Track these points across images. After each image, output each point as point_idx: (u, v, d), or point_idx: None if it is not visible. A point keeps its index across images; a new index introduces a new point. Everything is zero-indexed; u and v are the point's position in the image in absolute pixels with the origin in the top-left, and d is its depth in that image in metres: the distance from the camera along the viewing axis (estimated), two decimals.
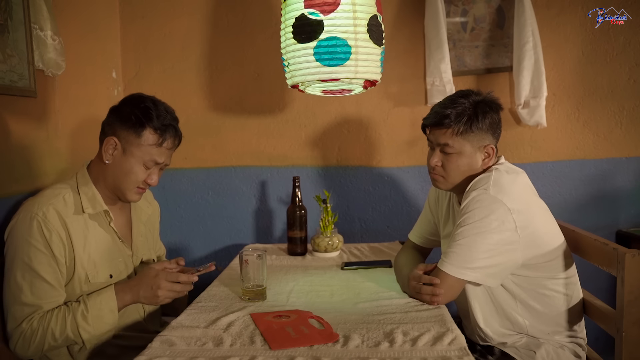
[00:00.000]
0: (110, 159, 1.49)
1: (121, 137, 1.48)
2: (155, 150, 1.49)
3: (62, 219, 1.42)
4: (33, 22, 1.66)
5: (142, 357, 1.14)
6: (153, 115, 1.46)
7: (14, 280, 1.37)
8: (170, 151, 1.54)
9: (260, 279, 1.51)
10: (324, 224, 2.07)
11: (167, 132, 1.49)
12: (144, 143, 1.47)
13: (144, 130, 1.47)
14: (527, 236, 1.43)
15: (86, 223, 1.48)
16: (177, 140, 1.55)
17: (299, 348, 1.17)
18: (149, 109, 1.47)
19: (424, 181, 2.39)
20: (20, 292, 1.36)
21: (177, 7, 2.41)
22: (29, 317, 1.36)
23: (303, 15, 1.62)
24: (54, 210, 1.41)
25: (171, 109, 1.55)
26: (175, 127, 1.53)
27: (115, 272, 1.53)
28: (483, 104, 1.53)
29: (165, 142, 1.49)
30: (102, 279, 1.49)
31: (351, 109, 2.41)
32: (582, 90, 2.32)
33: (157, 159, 1.50)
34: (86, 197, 1.49)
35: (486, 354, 1.57)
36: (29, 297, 1.36)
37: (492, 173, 1.51)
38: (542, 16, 2.26)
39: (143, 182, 1.52)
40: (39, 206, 1.40)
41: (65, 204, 1.45)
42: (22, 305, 1.36)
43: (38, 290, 1.37)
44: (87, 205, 1.49)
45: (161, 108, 1.50)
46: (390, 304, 1.47)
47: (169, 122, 1.50)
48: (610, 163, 2.35)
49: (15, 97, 1.62)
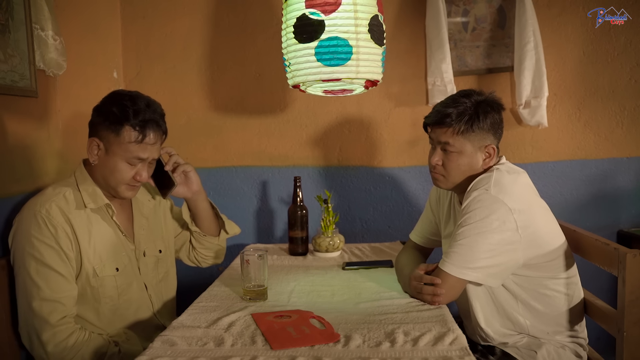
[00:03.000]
0: (95, 160, 1.50)
1: (102, 137, 1.48)
2: (136, 147, 1.47)
3: (65, 214, 1.43)
4: (34, 22, 1.66)
5: (143, 357, 1.14)
6: (129, 113, 1.44)
7: (29, 278, 1.39)
8: (154, 146, 1.51)
9: (261, 279, 1.51)
10: (325, 224, 2.07)
11: (147, 128, 1.47)
12: (124, 141, 1.46)
13: (122, 129, 1.45)
14: (528, 236, 1.43)
15: (89, 218, 1.50)
16: (159, 134, 1.52)
17: (300, 348, 1.17)
18: (125, 107, 1.45)
19: (425, 181, 2.39)
20: (37, 288, 1.38)
21: (178, 7, 2.41)
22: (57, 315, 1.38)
23: (304, 15, 1.62)
24: (57, 207, 1.43)
25: (155, 103, 1.52)
26: (157, 121, 1.50)
27: (120, 265, 1.54)
28: (485, 103, 1.53)
29: (146, 138, 1.47)
30: (109, 272, 1.51)
31: (352, 109, 2.41)
32: (583, 90, 2.32)
33: (140, 155, 1.48)
34: (87, 193, 1.50)
35: (487, 354, 1.57)
36: (47, 292, 1.38)
37: (493, 173, 1.51)
38: (543, 16, 2.26)
39: (132, 179, 1.51)
40: (41, 204, 1.42)
41: (66, 201, 1.46)
42: (41, 300, 1.38)
43: (54, 284, 1.39)
44: (89, 201, 1.50)
45: (141, 103, 1.47)
46: (392, 304, 1.47)
47: (149, 117, 1.47)
48: (611, 163, 2.35)
49: (16, 97, 1.62)
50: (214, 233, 1.81)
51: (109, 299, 1.51)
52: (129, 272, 1.57)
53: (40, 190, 1.51)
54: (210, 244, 1.80)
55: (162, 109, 1.55)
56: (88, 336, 1.42)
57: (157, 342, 1.22)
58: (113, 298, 1.52)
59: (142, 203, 1.69)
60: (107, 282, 1.51)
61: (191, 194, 1.69)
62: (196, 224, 1.76)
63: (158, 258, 1.69)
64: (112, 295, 1.52)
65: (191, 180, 1.69)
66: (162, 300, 1.69)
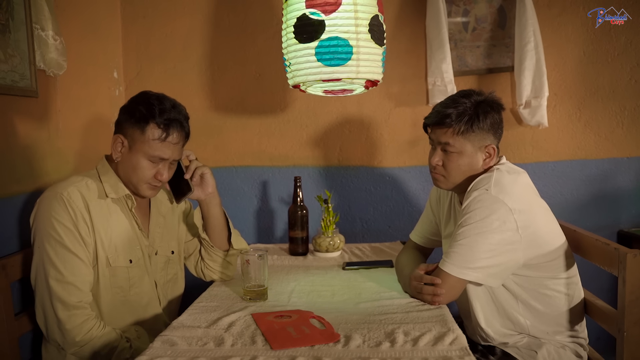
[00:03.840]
0: (119, 157, 1.53)
1: (127, 134, 1.51)
2: (159, 145, 1.49)
3: (85, 201, 1.46)
4: (34, 22, 1.66)
5: (143, 357, 1.14)
6: (156, 111, 1.47)
7: (48, 258, 1.40)
8: (177, 146, 1.54)
9: (261, 279, 1.51)
10: (325, 224, 2.07)
11: (171, 127, 1.50)
12: (148, 138, 1.49)
13: (147, 126, 1.48)
14: (528, 236, 1.43)
15: (108, 207, 1.52)
16: (182, 135, 1.55)
17: (300, 348, 1.17)
18: (152, 105, 1.48)
19: (426, 181, 2.39)
20: (55, 269, 1.40)
21: (178, 7, 2.41)
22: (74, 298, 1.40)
23: (304, 15, 1.62)
24: (78, 192, 1.46)
25: (180, 105, 1.56)
26: (181, 122, 1.53)
27: (134, 258, 1.56)
28: (484, 104, 1.53)
29: (169, 137, 1.50)
30: (122, 263, 1.52)
31: (352, 109, 2.41)
32: (583, 90, 2.32)
33: (162, 154, 1.51)
34: (108, 184, 1.53)
35: (487, 354, 1.57)
36: (65, 273, 1.40)
37: (494, 173, 1.51)
38: (544, 16, 2.26)
39: (153, 179, 1.53)
40: (64, 187, 1.45)
41: (88, 189, 1.49)
42: (59, 282, 1.39)
43: (72, 266, 1.41)
44: (110, 191, 1.52)
45: (167, 104, 1.51)
46: (392, 304, 1.47)
47: (174, 116, 1.50)
48: (611, 163, 2.35)
49: (17, 97, 1.63)
50: (223, 246, 1.74)
51: (119, 290, 1.52)
52: (141, 266, 1.58)
53: (41, 191, 1.51)
54: (217, 257, 1.73)
55: (186, 112, 1.57)
56: (103, 327, 1.43)
57: (157, 342, 1.22)
58: (124, 289, 1.53)
59: (160, 202, 1.70)
60: (120, 273, 1.52)
61: (205, 195, 1.67)
62: (206, 232, 1.72)
63: (169, 259, 1.70)
64: (124, 286, 1.53)
65: (207, 182, 1.67)
66: (169, 301, 1.70)
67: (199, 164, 1.67)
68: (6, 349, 1.43)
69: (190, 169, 1.65)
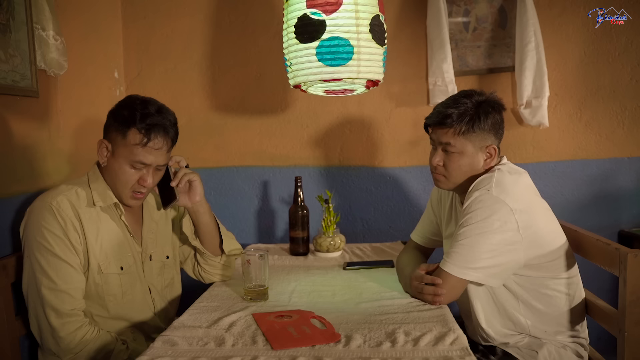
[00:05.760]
0: (104, 161, 1.52)
1: (111, 139, 1.50)
2: (140, 150, 1.47)
3: (75, 209, 1.46)
4: (35, 22, 1.66)
5: (144, 357, 1.14)
6: (137, 115, 1.45)
7: (40, 267, 1.40)
8: (159, 152, 1.50)
9: (262, 279, 1.51)
10: (326, 224, 2.07)
11: (153, 132, 1.46)
12: (129, 143, 1.46)
13: (129, 130, 1.46)
14: (529, 236, 1.43)
15: (98, 215, 1.51)
16: (166, 140, 1.51)
17: (301, 348, 1.17)
18: (134, 109, 1.46)
19: (426, 181, 2.39)
20: (47, 278, 1.39)
21: (179, 7, 2.41)
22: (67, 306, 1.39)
23: (305, 15, 1.62)
24: (67, 201, 1.45)
25: (168, 111, 1.52)
26: (165, 127, 1.49)
27: (125, 265, 1.55)
28: (485, 104, 1.53)
29: (150, 142, 1.46)
30: (113, 270, 1.52)
31: (353, 109, 2.41)
32: (584, 90, 2.32)
33: (143, 159, 1.48)
34: (97, 192, 1.52)
35: (488, 354, 1.57)
36: (57, 281, 1.40)
37: (495, 173, 1.50)
38: (544, 16, 2.25)
39: (137, 185, 1.51)
40: (53, 197, 1.45)
41: (77, 197, 1.48)
42: (51, 290, 1.39)
43: (64, 274, 1.41)
44: (98, 199, 1.51)
45: (151, 108, 1.48)
46: (392, 304, 1.47)
47: (157, 121, 1.47)
48: (612, 163, 2.34)
49: (18, 97, 1.63)
50: (215, 252, 1.71)
51: (112, 297, 1.52)
52: (133, 273, 1.57)
53: (41, 191, 1.52)
54: (212, 261, 1.72)
55: (174, 117, 1.54)
56: (97, 332, 1.43)
57: (158, 342, 1.22)
58: (117, 297, 1.53)
59: (153, 207, 1.69)
60: (112, 280, 1.51)
61: (192, 204, 1.64)
62: (199, 238, 1.70)
63: (164, 264, 1.69)
64: (116, 293, 1.52)
65: (194, 190, 1.63)
66: (166, 305, 1.69)
67: (187, 171, 1.64)
68: (6, 349, 1.43)
69: (177, 176, 1.62)
